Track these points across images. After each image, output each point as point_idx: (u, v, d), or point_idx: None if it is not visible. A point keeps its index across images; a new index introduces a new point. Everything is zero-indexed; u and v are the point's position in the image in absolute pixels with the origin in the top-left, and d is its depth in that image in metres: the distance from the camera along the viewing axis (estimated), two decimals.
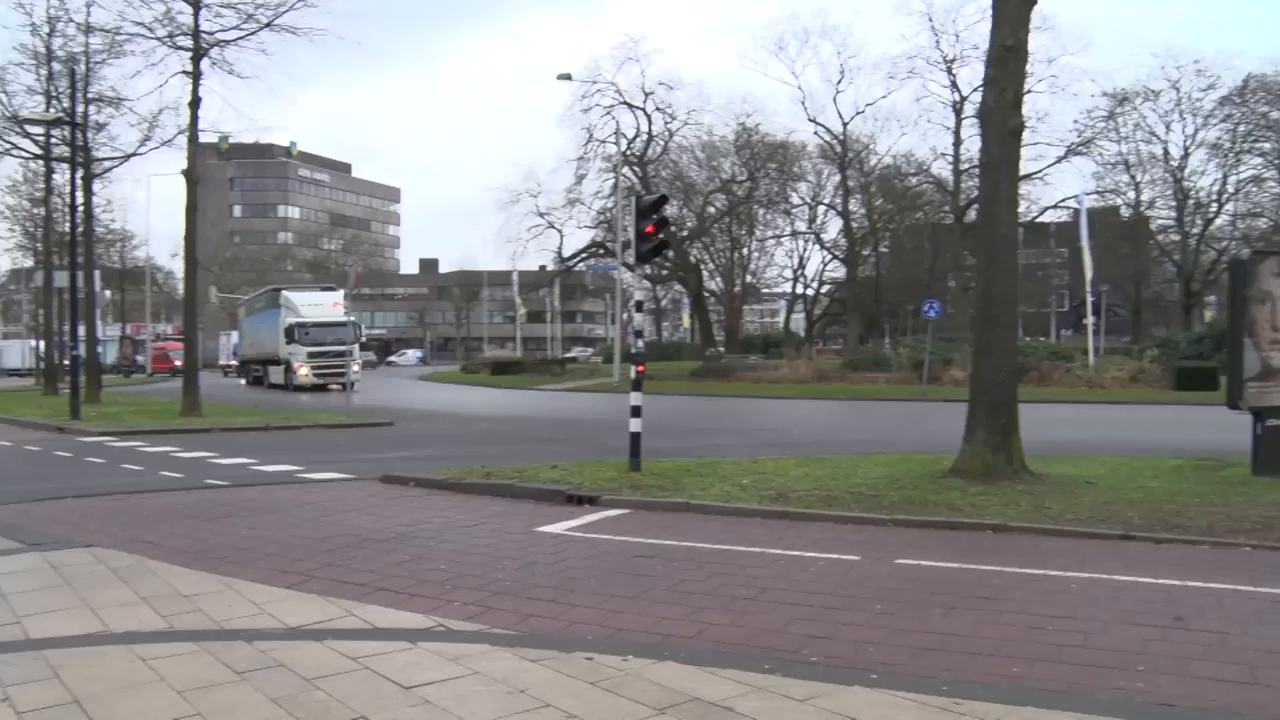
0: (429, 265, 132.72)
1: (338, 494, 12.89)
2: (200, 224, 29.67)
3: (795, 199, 63.61)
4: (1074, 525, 9.75)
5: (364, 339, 47.84)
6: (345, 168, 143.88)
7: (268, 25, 26.16)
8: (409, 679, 5.32)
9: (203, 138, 28.83)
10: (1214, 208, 57.76)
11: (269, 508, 11.59)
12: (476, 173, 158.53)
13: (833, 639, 6.30)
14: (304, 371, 42.17)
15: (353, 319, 44.18)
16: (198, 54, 25.65)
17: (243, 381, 51.60)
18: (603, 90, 57.71)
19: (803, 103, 59.02)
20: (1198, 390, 29.94)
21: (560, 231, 61.34)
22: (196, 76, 25.67)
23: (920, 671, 5.66)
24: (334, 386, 41.46)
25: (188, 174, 26.78)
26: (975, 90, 22.96)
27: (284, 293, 46.45)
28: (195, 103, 25.86)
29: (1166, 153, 57.34)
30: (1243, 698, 5.28)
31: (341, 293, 44.01)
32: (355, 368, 41.16)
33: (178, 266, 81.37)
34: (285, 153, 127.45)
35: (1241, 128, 55.51)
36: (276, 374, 44.62)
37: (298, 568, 8.31)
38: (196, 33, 25.57)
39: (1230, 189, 57.18)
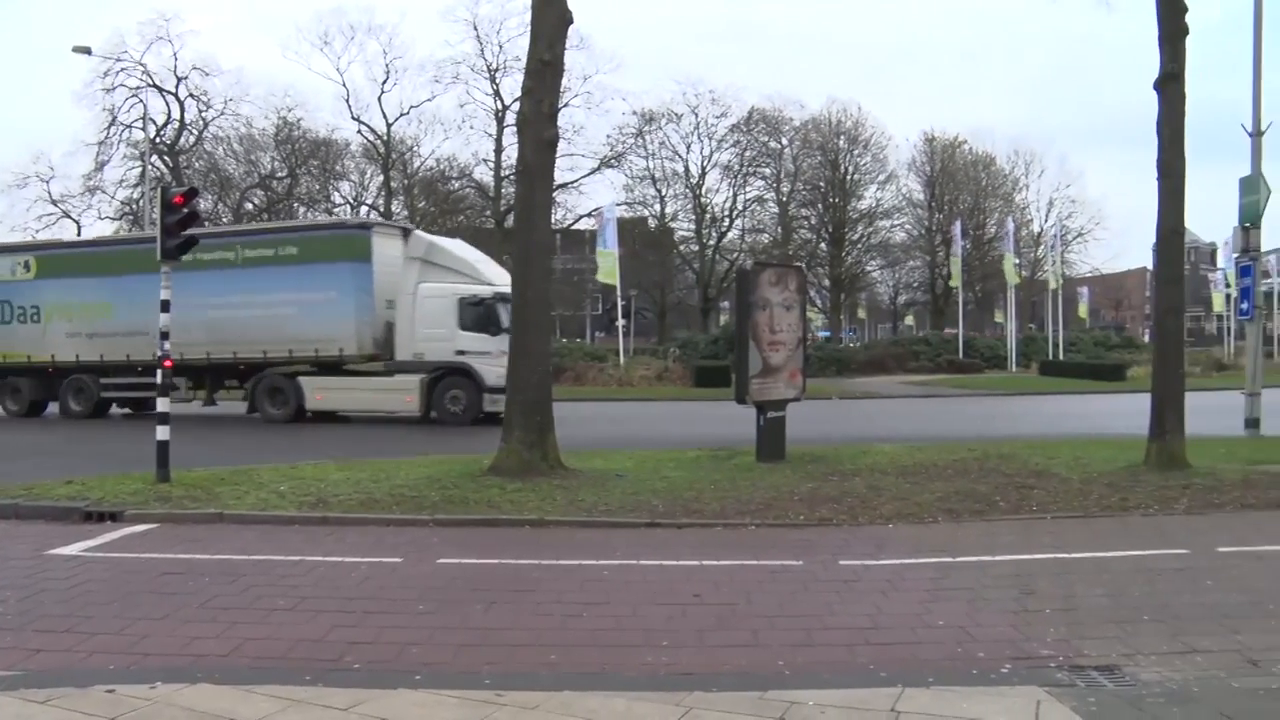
0: None
1: None
2: None
3: (337, 198, 61.99)
4: (606, 516, 10.39)
5: None
6: None
7: None
8: None
9: None
10: (726, 222, 64.02)
11: None
12: None
13: (376, 643, 6.26)
14: None
15: None
16: None
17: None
18: (129, 70, 52.83)
19: (347, 100, 57.42)
20: (714, 387, 32.60)
21: (78, 222, 55.09)
22: None
23: (463, 668, 5.78)
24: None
25: None
26: (516, 100, 23.77)
27: (421, 234, 24.89)
28: None
29: (687, 170, 62.75)
30: (748, 659, 5.97)
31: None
32: None
33: None
34: None
35: (748, 153, 62.21)
36: (335, 393, 23.90)
37: None
38: None
39: (739, 206, 63.83)
